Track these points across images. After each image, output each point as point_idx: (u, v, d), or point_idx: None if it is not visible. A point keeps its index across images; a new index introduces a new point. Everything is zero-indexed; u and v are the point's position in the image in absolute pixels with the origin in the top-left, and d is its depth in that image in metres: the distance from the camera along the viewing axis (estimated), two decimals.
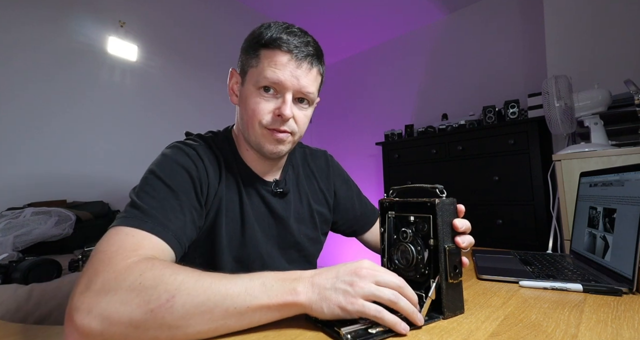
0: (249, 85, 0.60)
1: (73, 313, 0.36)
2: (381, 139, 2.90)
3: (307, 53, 0.59)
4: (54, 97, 1.76)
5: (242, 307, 0.38)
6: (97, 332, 0.36)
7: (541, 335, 0.38)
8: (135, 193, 0.53)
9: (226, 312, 0.38)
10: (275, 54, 0.58)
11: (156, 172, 0.55)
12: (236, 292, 0.39)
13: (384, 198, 0.56)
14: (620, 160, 1.14)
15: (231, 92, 0.67)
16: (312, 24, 3.01)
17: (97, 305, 0.36)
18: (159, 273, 0.39)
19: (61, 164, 1.76)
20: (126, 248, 0.43)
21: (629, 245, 0.57)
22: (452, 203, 0.47)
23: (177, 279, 0.39)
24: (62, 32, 1.81)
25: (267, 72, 0.57)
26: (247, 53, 0.61)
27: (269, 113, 0.59)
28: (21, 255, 1.16)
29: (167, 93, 2.25)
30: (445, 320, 0.43)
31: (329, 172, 0.81)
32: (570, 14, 1.80)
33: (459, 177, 2.26)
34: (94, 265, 0.41)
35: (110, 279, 0.39)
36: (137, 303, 0.37)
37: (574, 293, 0.55)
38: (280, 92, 0.59)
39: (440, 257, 0.44)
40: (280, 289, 0.40)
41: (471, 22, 2.79)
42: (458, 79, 2.83)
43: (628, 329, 0.39)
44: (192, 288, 0.38)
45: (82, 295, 0.38)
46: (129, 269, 0.40)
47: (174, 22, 2.33)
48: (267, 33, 0.58)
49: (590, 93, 1.32)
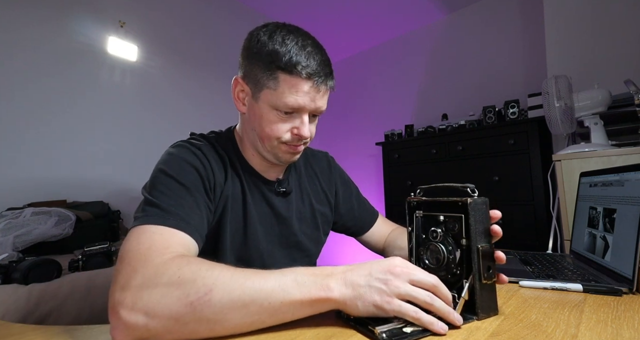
0: (264, 104, 0.60)
1: (118, 308, 0.38)
2: (381, 139, 2.90)
3: (325, 75, 0.60)
4: (54, 97, 1.76)
5: (276, 303, 0.39)
6: (142, 326, 0.37)
7: (541, 335, 0.38)
8: (149, 192, 0.53)
9: (261, 307, 0.39)
10: (296, 82, 0.57)
11: (166, 171, 0.56)
12: (270, 288, 0.39)
13: (411, 197, 0.55)
14: (620, 160, 1.14)
15: (237, 100, 0.65)
16: (312, 24, 3.01)
17: (140, 300, 0.38)
18: (195, 268, 0.40)
19: (61, 164, 1.76)
20: (157, 246, 0.44)
21: (629, 245, 0.57)
22: (484, 203, 0.45)
23: (213, 274, 0.40)
24: (62, 32, 1.81)
25: (289, 99, 0.58)
26: (260, 70, 0.59)
27: (286, 132, 0.61)
28: (21, 255, 1.16)
29: (167, 93, 2.25)
30: (479, 321, 0.43)
31: (331, 173, 0.83)
32: (570, 14, 1.80)
33: (459, 177, 2.26)
34: (131, 263, 0.42)
35: (149, 274, 0.40)
36: (177, 296, 0.38)
37: (574, 293, 0.55)
38: (297, 112, 0.61)
39: (473, 257, 0.44)
40: (312, 285, 0.40)
41: (471, 22, 2.79)
42: (458, 79, 2.83)
43: (628, 329, 0.39)
44: (228, 283, 0.39)
45: (123, 291, 0.39)
46: (166, 264, 0.41)
47: (174, 22, 2.33)
48: (284, 54, 0.56)
49: (590, 93, 1.32)
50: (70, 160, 1.79)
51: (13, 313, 0.92)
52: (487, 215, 0.46)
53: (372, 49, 3.49)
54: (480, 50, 2.72)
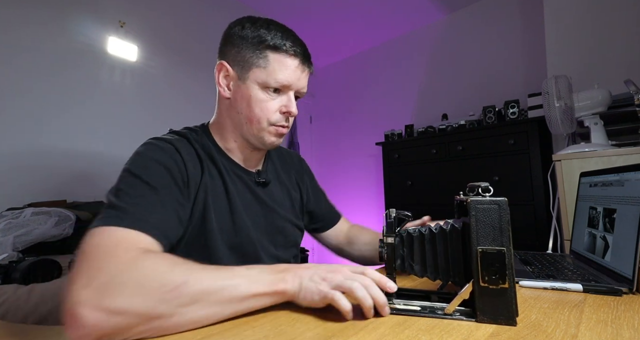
0: (253, 83, 0.63)
1: (77, 308, 0.36)
2: (381, 139, 2.90)
3: (307, 59, 0.66)
4: (54, 97, 1.76)
5: (244, 294, 0.42)
6: (105, 326, 0.35)
7: (541, 335, 0.38)
8: (113, 193, 0.53)
9: (230, 296, 0.41)
10: (285, 59, 0.63)
11: (131, 170, 0.55)
12: (238, 280, 0.42)
13: (459, 196, 0.53)
14: (620, 160, 1.14)
15: (221, 86, 0.67)
16: (312, 24, 3.02)
17: (106, 299, 0.36)
18: (166, 262, 0.41)
19: (61, 164, 1.76)
20: (120, 244, 0.43)
21: (629, 245, 0.57)
22: (495, 202, 0.43)
23: (184, 268, 0.41)
24: (62, 32, 1.81)
25: (279, 75, 0.62)
26: (249, 50, 0.63)
27: (275, 111, 0.64)
28: (21, 255, 1.16)
29: (167, 93, 2.25)
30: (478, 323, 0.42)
31: (302, 169, 0.88)
32: (570, 14, 1.80)
33: (459, 177, 2.26)
34: (94, 261, 0.40)
35: (116, 270, 0.39)
36: (148, 292, 0.38)
37: (574, 293, 0.55)
38: (284, 91, 0.65)
39: (472, 259, 0.43)
40: (274, 278, 0.44)
41: (471, 22, 2.79)
42: (458, 79, 2.83)
43: (628, 329, 0.39)
44: (199, 276, 0.41)
45: (85, 290, 0.37)
46: (134, 259, 0.41)
47: (174, 22, 2.33)
48: (272, 36, 0.62)
49: (590, 93, 1.32)
50: (70, 160, 1.79)
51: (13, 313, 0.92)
52: (500, 217, 0.43)
53: (372, 49, 3.49)
54: (480, 50, 2.72)
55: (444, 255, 0.49)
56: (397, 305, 0.46)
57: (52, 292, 1.01)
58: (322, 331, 0.40)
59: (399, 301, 0.47)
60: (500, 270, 0.42)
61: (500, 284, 0.42)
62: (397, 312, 0.45)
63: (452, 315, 0.44)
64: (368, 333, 0.40)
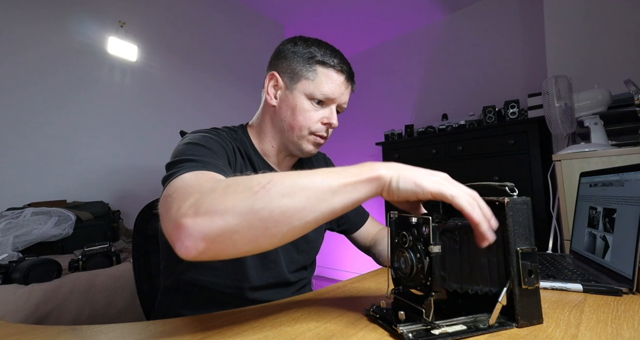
0: (299, 93, 0.68)
1: (180, 219, 0.36)
2: (381, 139, 2.90)
3: (352, 76, 0.72)
4: (54, 97, 1.76)
5: (335, 185, 0.39)
6: (210, 229, 0.35)
7: (541, 335, 0.38)
8: (173, 159, 0.54)
9: (321, 188, 0.38)
10: (332, 74, 0.68)
11: (192, 142, 0.59)
12: (327, 174, 0.40)
13: None
14: (620, 160, 1.14)
15: (269, 94, 0.71)
16: (312, 24, 3.02)
17: (204, 203, 0.37)
18: (247, 176, 0.41)
19: (61, 164, 1.76)
20: (197, 178, 0.45)
21: (629, 245, 0.57)
22: (525, 202, 0.43)
23: (266, 174, 0.40)
24: (62, 32, 1.81)
25: (325, 88, 0.67)
26: (300, 64, 0.68)
27: (316, 122, 0.69)
28: (21, 255, 1.16)
29: (167, 93, 2.25)
30: (519, 329, 0.41)
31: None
32: (570, 14, 1.80)
33: (459, 177, 2.24)
34: (183, 192, 0.41)
35: (207, 188, 0.40)
36: (242, 190, 0.38)
37: (574, 293, 0.55)
38: (327, 104, 0.70)
39: (512, 260, 0.41)
40: (363, 169, 0.41)
41: (471, 22, 2.79)
42: (458, 79, 2.83)
43: (628, 329, 0.39)
44: (282, 175, 0.40)
45: (184, 204, 0.38)
46: (221, 180, 0.42)
47: (174, 22, 2.33)
48: (323, 53, 0.68)
49: (590, 93, 1.32)
50: (70, 160, 1.79)
51: (13, 313, 0.93)
52: (529, 216, 0.43)
53: (372, 49, 3.49)
54: (480, 50, 2.72)
55: (472, 261, 0.43)
56: (447, 328, 0.39)
57: (52, 292, 1.01)
58: (322, 331, 0.40)
59: (442, 322, 0.39)
60: (535, 270, 0.41)
61: (535, 283, 0.41)
62: (449, 336, 0.38)
63: (493, 326, 0.40)
64: (368, 333, 0.40)
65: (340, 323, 0.43)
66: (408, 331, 0.37)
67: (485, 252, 0.42)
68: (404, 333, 0.37)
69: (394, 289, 0.45)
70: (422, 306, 0.39)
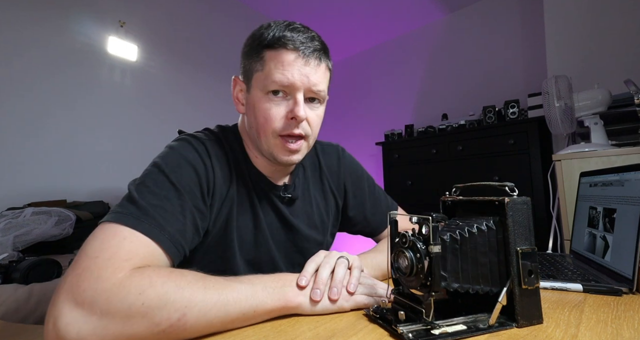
0: (256, 91, 0.57)
1: (62, 327, 0.34)
2: (381, 139, 2.90)
3: (314, 48, 0.56)
4: (54, 97, 1.76)
5: (249, 312, 0.41)
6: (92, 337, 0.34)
7: (541, 335, 0.38)
8: (135, 186, 0.49)
9: (235, 317, 0.40)
10: (281, 54, 0.54)
11: (161, 166, 0.51)
12: (243, 298, 0.41)
13: (446, 196, 0.53)
14: (620, 160, 1.14)
15: (237, 101, 0.63)
16: (312, 24, 3.00)
17: (91, 324, 0.34)
18: (162, 291, 0.37)
19: (61, 164, 1.76)
20: (119, 257, 0.40)
21: (629, 245, 0.57)
22: (525, 202, 0.43)
23: (184, 296, 0.38)
24: (62, 32, 1.81)
25: (275, 74, 0.54)
26: (250, 57, 0.58)
27: (281, 118, 0.56)
28: (21, 255, 1.16)
29: (167, 93, 2.25)
30: (519, 329, 0.40)
31: (340, 171, 0.77)
32: (570, 14, 1.80)
33: (459, 177, 2.26)
34: (79, 271, 0.38)
35: (102, 297, 0.36)
36: (145, 325, 0.35)
37: (574, 293, 0.55)
38: (290, 93, 0.55)
39: (512, 260, 0.41)
40: (280, 291, 0.44)
41: (471, 22, 2.79)
42: (458, 79, 2.83)
43: (628, 329, 0.39)
44: (201, 303, 0.38)
45: (69, 306, 0.35)
46: (122, 286, 0.37)
47: (174, 22, 2.33)
48: (269, 33, 0.55)
49: (590, 93, 1.32)
50: (70, 160, 1.79)
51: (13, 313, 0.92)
52: (529, 216, 0.43)
53: (372, 49, 3.49)
54: (480, 50, 2.72)
55: (473, 261, 0.43)
56: (447, 328, 0.39)
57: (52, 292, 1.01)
58: (322, 331, 0.40)
59: (442, 322, 0.39)
60: (535, 270, 0.41)
61: (535, 283, 0.41)
62: (449, 336, 0.38)
63: (493, 326, 0.40)
64: (368, 333, 0.40)
65: (340, 323, 0.43)
66: (408, 331, 0.37)
67: (485, 252, 0.42)
68: (404, 333, 0.37)
69: (394, 289, 0.45)
70: (422, 306, 0.39)
